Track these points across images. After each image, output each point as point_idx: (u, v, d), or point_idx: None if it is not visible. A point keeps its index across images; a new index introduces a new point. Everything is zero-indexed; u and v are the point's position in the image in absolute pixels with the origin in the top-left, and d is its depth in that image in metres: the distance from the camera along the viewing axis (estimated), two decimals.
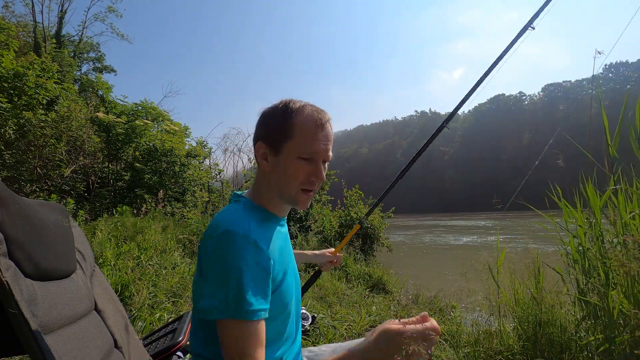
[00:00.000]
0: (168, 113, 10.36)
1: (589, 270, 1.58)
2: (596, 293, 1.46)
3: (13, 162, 5.32)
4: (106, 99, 9.59)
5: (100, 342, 0.66)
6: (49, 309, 0.52)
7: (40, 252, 0.55)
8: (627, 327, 1.32)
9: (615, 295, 1.37)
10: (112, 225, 4.29)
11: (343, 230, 6.73)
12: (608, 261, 1.42)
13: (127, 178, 7.14)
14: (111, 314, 0.78)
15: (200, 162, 8.69)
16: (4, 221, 0.48)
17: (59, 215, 0.73)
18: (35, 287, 0.51)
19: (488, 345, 1.67)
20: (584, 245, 1.62)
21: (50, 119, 5.71)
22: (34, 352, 0.47)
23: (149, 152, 7.28)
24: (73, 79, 11.60)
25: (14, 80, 5.35)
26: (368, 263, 6.07)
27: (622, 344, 1.35)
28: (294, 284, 0.82)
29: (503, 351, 1.61)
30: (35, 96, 5.52)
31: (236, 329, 0.62)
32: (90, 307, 0.71)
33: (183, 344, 1.17)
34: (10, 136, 5.20)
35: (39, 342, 0.47)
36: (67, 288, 0.62)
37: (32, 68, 5.65)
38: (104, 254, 3.01)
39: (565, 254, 1.72)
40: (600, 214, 1.62)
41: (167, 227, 5.21)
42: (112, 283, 2.69)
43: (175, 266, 3.74)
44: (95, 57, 17.93)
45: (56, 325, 0.53)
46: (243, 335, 0.62)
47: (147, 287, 2.88)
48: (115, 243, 3.60)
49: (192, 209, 7.52)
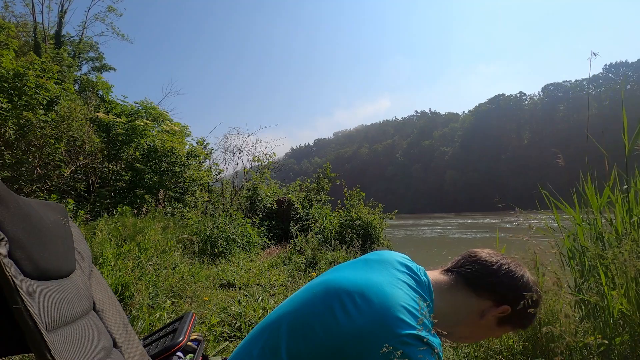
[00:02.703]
0: (168, 113, 10.36)
1: (588, 270, 1.58)
2: (596, 293, 1.46)
3: (13, 163, 5.33)
4: (106, 99, 9.60)
5: (99, 342, 0.66)
6: (48, 308, 0.52)
7: (39, 252, 0.55)
8: (627, 327, 1.32)
9: (615, 295, 1.37)
10: (112, 225, 4.29)
11: (343, 230, 6.73)
12: (606, 261, 1.42)
13: (127, 178, 7.14)
14: (110, 313, 0.78)
15: (200, 162, 8.69)
16: (4, 220, 0.48)
17: (58, 215, 0.73)
18: (34, 286, 0.51)
19: (488, 345, 1.67)
20: (583, 244, 1.62)
21: (50, 119, 5.72)
22: (40, 348, 0.47)
23: (149, 152, 7.28)
24: (73, 79, 11.59)
25: (14, 80, 5.35)
26: None
27: (622, 344, 1.35)
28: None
29: (503, 351, 1.61)
30: (35, 96, 5.52)
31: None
32: (89, 307, 0.71)
33: (183, 345, 1.17)
34: (10, 136, 5.20)
35: (44, 339, 0.48)
36: (66, 288, 0.62)
37: (32, 68, 5.66)
38: (104, 254, 3.01)
39: (559, 253, 1.72)
40: (599, 214, 1.62)
41: (167, 227, 5.21)
42: (112, 283, 2.69)
43: (175, 266, 3.74)
44: (95, 57, 17.94)
45: (56, 324, 0.53)
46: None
47: (147, 287, 2.88)
48: (116, 243, 3.60)
49: (192, 209, 7.53)
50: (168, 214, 7.09)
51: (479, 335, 0.82)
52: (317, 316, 0.65)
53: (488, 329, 0.79)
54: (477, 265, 0.79)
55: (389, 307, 0.61)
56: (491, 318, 0.77)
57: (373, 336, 0.58)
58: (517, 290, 0.77)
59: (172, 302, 2.93)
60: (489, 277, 0.77)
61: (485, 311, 0.76)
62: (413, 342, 0.57)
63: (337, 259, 5.24)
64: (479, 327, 0.78)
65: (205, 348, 2.09)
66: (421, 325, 0.60)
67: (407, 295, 0.66)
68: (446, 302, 0.75)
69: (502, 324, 0.79)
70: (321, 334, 0.62)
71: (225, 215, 6.36)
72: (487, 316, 0.76)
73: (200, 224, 5.71)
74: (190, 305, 2.98)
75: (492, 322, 0.78)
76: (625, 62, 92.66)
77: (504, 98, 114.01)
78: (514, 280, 0.77)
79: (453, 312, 0.76)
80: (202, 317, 2.65)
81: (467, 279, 0.77)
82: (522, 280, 0.78)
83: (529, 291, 0.77)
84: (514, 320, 0.79)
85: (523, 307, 0.76)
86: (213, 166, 9.28)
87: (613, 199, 1.54)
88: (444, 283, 0.78)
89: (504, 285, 0.77)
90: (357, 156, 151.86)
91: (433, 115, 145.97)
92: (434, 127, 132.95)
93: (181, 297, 3.09)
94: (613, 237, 1.57)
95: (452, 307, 0.76)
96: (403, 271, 0.75)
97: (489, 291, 0.76)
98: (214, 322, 2.42)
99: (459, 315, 0.76)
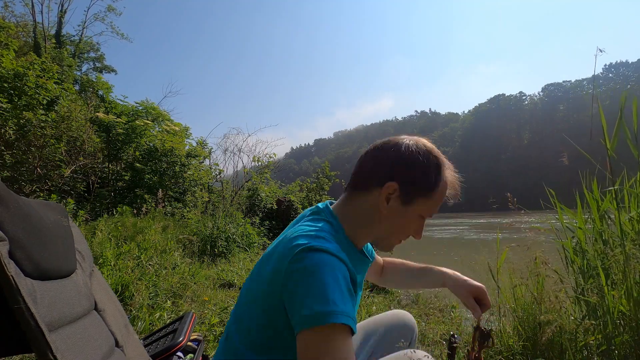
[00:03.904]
0: (168, 113, 10.35)
1: (587, 270, 1.59)
2: (596, 293, 1.46)
3: (13, 163, 5.32)
4: (106, 99, 9.59)
5: (101, 341, 0.67)
6: (49, 308, 0.52)
7: (40, 252, 0.55)
8: (627, 327, 1.32)
9: (615, 295, 1.37)
10: (112, 225, 4.29)
11: None
12: (607, 262, 1.42)
13: (127, 178, 7.14)
14: (111, 313, 0.78)
15: (200, 162, 8.69)
16: (4, 220, 0.48)
17: (58, 215, 0.73)
18: (35, 286, 0.51)
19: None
20: (583, 246, 1.63)
21: (50, 119, 5.71)
22: (41, 347, 0.47)
23: (149, 152, 7.28)
24: (73, 79, 11.59)
25: (14, 80, 5.35)
26: None
27: (622, 344, 1.35)
28: None
29: (503, 351, 1.61)
30: (35, 96, 5.52)
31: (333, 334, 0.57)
32: (90, 306, 0.71)
33: (183, 345, 1.17)
34: (10, 136, 5.20)
35: (46, 338, 0.48)
36: (67, 287, 0.62)
37: (32, 68, 5.65)
38: (104, 254, 3.00)
39: (564, 254, 1.73)
40: (597, 215, 1.62)
41: (167, 227, 5.21)
42: (112, 283, 2.69)
43: (175, 266, 3.74)
44: (95, 57, 17.94)
45: (57, 324, 0.53)
46: (337, 339, 0.57)
47: (147, 287, 2.88)
48: (116, 243, 3.60)
49: (192, 209, 7.52)
50: (168, 214, 7.08)
51: (400, 225, 0.76)
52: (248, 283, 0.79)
53: (400, 215, 0.74)
54: (355, 169, 0.80)
55: (288, 240, 0.68)
56: (391, 201, 0.73)
57: (281, 265, 0.65)
58: (392, 163, 0.74)
59: (172, 302, 2.93)
60: (364, 169, 0.78)
61: (378, 199, 0.74)
62: (306, 254, 0.63)
63: None
64: (392, 218, 0.74)
65: (205, 348, 2.09)
66: (315, 239, 0.66)
67: (306, 227, 0.72)
68: (348, 212, 0.77)
69: (409, 201, 0.73)
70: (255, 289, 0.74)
71: (225, 215, 6.36)
72: (382, 202, 0.73)
73: (200, 224, 5.71)
74: (190, 305, 2.98)
75: (396, 206, 0.73)
76: (625, 62, 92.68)
77: (504, 98, 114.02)
78: (384, 157, 0.75)
79: (358, 216, 0.76)
80: (202, 317, 2.65)
81: (353, 184, 0.79)
82: (392, 151, 0.74)
83: (407, 155, 0.73)
84: (416, 191, 0.73)
85: (409, 171, 0.72)
86: (213, 166, 9.27)
87: (612, 208, 1.54)
88: (341, 200, 0.81)
89: (377, 167, 0.75)
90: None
91: (433, 115, 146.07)
92: (434, 127, 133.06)
93: (181, 297, 3.09)
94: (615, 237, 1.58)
95: (355, 212, 0.77)
96: (308, 216, 0.80)
97: (369, 180, 0.75)
98: (214, 322, 2.42)
99: (364, 216, 0.76)
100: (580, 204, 1.73)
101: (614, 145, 1.48)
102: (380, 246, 0.81)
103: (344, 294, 0.60)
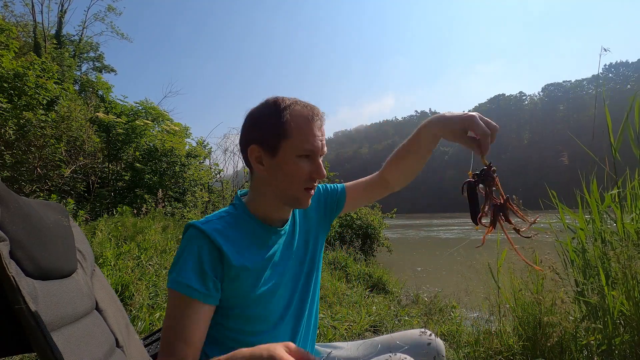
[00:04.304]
0: (168, 113, 10.35)
1: (587, 270, 1.59)
2: (596, 293, 1.46)
3: (13, 163, 5.32)
4: (106, 99, 9.59)
5: (102, 341, 0.67)
6: (50, 307, 0.52)
7: (40, 251, 0.55)
8: (627, 327, 1.32)
9: (615, 295, 1.37)
10: (112, 225, 4.29)
11: (343, 230, 6.73)
12: (607, 262, 1.42)
13: (127, 178, 7.14)
14: (112, 313, 0.78)
15: (200, 162, 8.69)
16: (5, 220, 0.48)
17: (58, 215, 0.73)
18: (36, 286, 0.51)
19: (488, 345, 1.67)
20: (584, 245, 1.63)
21: (51, 119, 5.71)
22: (43, 347, 0.47)
23: (149, 152, 7.28)
24: (73, 79, 11.59)
25: (14, 80, 5.35)
26: (368, 263, 6.07)
27: (622, 344, 1.35)
28: (282, 288, 0.81)
29: (503, 351, 1.61)
30: (35, 96, 5.52)
31: (174, 299, 0.69)
32: (91, 306, 0.71)
33: None
34: (10, 136, 5.20)
35: (47, 338, 0.48)
36: (68, 287, 0.62)
37: (32, 68, 5.66)
38: (104, 254, 3.01)
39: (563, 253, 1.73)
40: (598, 215, 1.62)
41: (167, 227, 5.20)
42: (112, 283, 2.69)
43: None
44: (95, 57, 17.94)
45: (58, 324, 0.53)
46: (177, 305, 0.69)
47: (147, 287, 2.88)
48: (116, 243, 3.60)
49: (192, 209, 7.52)
50: (168, 214, 7.08)
51: (288, 175, 0.75)
52: None
53: (279, 166, 0.75)
54: None
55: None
56: (263, 162, 0.76)
57: None
58: (245, 131, 0.79)
59: None
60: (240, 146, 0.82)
61: (256, 167, 0.78)
62: (190, 234, 0.74)
63: (337, 259, 5.25)
64: (275, 174, 0.76)
65: None
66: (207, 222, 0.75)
67: (211, 215, 0.80)
68: (251, 190, 0.84)
69: (275, 152, 0.75)
70: None
71: None
72: (258, 167, 0.77)
73: None
74: None
75: (269, 162, 0.76)
76: (625, 62, 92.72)
77: (504, 98, 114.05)
78: (241, 131, 0.80)
79: (253, 189, 0.82)
80: None
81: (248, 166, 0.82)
82: (243, 123, 0.79)
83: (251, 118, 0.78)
84: (273, 139, 0.74)
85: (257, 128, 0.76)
86: (213, 166, 9.27)
87: (614, 207, 1.54)
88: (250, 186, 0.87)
89: (240, 144, 0.81)
90: (358, 156, 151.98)
91: None
92: None
93: None
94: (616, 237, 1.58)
95: (253, 188, 0.83)
96: None
97: (244, 157, 0.80)
98: None
99: (258, 187, 0.81)
100: (581, 205, 1.73)
101: (619, 144, 1.49)
102: (294, 204, 0.81)
103: (193, 266, 0.70)
